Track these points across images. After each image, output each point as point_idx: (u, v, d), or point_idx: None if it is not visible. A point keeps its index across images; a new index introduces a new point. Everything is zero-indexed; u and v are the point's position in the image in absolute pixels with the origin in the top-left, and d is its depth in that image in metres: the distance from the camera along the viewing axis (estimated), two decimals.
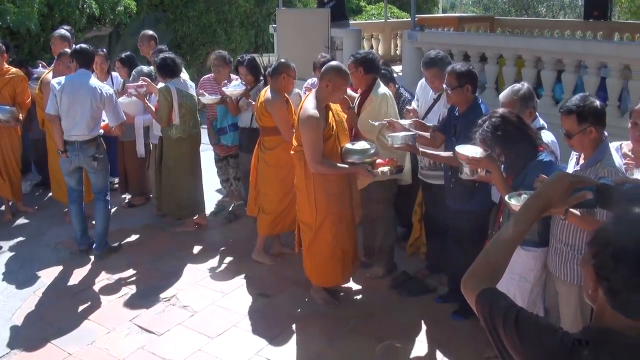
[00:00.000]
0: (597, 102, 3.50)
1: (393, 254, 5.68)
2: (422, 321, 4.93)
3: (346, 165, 4.74)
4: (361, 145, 4.79)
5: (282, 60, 5.72)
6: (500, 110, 3.84)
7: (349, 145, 4.79)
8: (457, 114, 4.68)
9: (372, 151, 4.74)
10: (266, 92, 5.53)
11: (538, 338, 1.69)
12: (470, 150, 3.79)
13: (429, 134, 4.92)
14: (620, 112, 6.31)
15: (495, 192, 4.31)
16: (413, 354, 4.56)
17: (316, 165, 4.65)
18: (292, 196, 5.62)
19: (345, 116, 5.08)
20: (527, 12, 27.63)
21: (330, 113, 4.85)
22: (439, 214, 5.03)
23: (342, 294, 5.34)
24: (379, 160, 4.74)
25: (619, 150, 4.01)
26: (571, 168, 3.74)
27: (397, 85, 5.75)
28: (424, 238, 5.80)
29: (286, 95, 5.64)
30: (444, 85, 4.62)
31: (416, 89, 5.59)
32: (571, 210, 2.04)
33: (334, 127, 4.82)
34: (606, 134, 3.57)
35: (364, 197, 5.31)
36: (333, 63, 4.86)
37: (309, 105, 4.67)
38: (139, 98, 6.28)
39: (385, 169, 4.67)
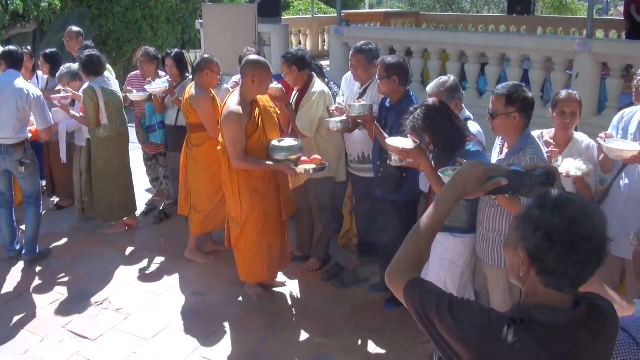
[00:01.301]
0: (529, 93, 3.64)
1: (328, 247, 5.74)
2: (357, 311, 5.01)
3: (269, 162, 4.71)
4: (287, 142, 4.76)
5: (206, 55, 5.68)
6: (431, 99, 3.95)
7: (275, 142, 4.76)
8: (388, 105, 4.79)
9: (298, 149, 4.73)
10: (191, 89, 5.49)
11: (475, 320, 1.74)
12: (400, 142, 3.87)
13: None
14: (543, 102, 6.53)
15: (423, 181, 4.42)
16: (349, 344, 4.62)
17: (238, 161, 4.65)
18: (223, 193, 5.60)
19: (279, 111, 5.07)
20: (451, 7, 28.12)
21: (257, 109, 4.81)
22: (368, 205, 5.12)
23: (276, 288, 5.35)
24: (303, 158, 4.72)
25: (540, 138, 4.20)
26: (495, 157, 3.87)
27: (327, 80, 5.79)
28: (355, 230, 5.88)
29: (212, 91, 5.61)
30: (376, 76, 4.74)
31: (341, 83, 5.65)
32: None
33: (260, 122, 4.78)
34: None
35: (300, 192, 5.36)
36: (251, 57, 4.84)
37: (232, 101, 4.65)
38: (64, 109, 6.07)
39: (309, 166, 4.65)
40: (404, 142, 3.85)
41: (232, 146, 4.62)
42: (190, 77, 6.11)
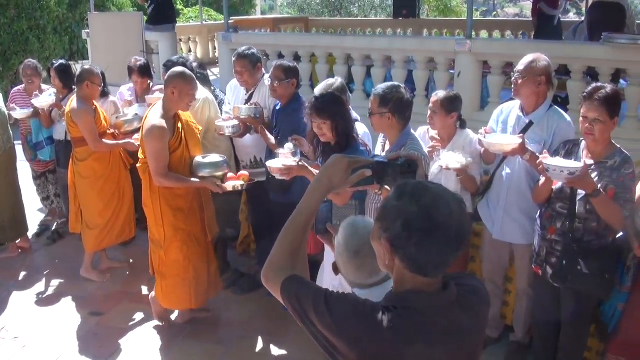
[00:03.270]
0: (405, 95, 3.75)
1: (226, 254, 5.69)
2: (258, 316, 5.03)
3: (194, 179, 4.48)
4: (212, 158, 4.57)
5: (86, 66, 5.51)
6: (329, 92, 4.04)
7: (199, 158, 4.55)
8: (277, 108, 4.83)
9: (224, 164, 4.56)
10: (72, 102, 5.30)
11: (350, 314, 1.77)
12: (281, 162, 3.90)
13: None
14: (428, 101, 6.71)
15: None
16: (252, 349, 4.64)
17: (161, 178, 4.37)
18: (115, 207, 5.47)
19: (200, 127, 4.87)
20: (340, 12, 28.59)
21: (180, 123, 4.55)
22: (263, 209, 5.10)
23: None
24: (230, 174, 4.58)
25: (425, 134, 4.34)
26: (378, 153, 3.98)
27: (212, 88, 5.76)
28: (252, 235, 5.85)
29: (95, 103, 5.44)
30: (263, 80, 4.85)
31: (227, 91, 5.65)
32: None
33: (183, 137, 4.52)
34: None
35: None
36: (177, 69, 4.57)
37: (154, 114, 4.39)
38: None
39: (237, 182, 4.50)
40: (285, 161, 3.89)
41: (155, 162, 4.35)
42: None
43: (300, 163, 3.81)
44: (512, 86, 4.05)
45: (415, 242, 1.71)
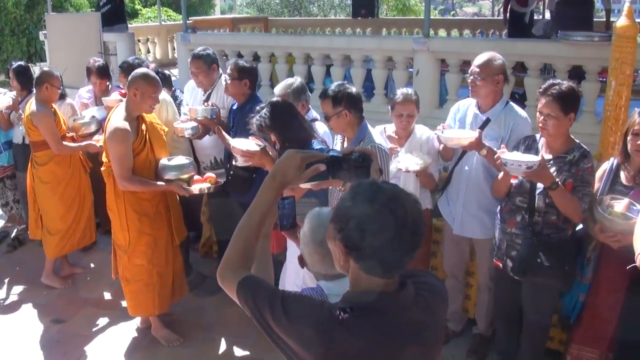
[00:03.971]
0: (352, 89, 3.80)
1: (188, 257, 5.65)
2: (222, 318, 5.00)
3: (159, 183, 4.39)
4: (178, 160, 4.48)
5: (45, 68, 5.41)
6: (275, 99, 4.01)
7: (164, 161, 4.45)
8: (234, 107, 4.85)
9: (190, 167, 4.48)
10: (31, 104, 5.20)
11: (307, 315, 1.76)
12: (244, 144, 3.90)
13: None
14: (387, 99, 6.78)
15: None
16: (216, 351, 4.63)
17: (125, 182, 4.27)
18: (76, 212, 5.39)
19: (166, 128, 4.77)
20: (299, 12, 28.64)
21: (144, 124, 4.43)
22: (224, 210, 5.09)
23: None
24: (196, 177, 4.50)
25: (383, 133, 4.38)
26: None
27: (173, 88, 5.71)
28: (214, 236, 5.82)
29: (54, 105, 5.35)
30: (220, 80, 4.84)
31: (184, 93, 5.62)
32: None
33: (147, 139, 4.41)
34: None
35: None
36: (140, 70, 4.46)
37: (117, 116, 4.28)
38: None
39: (203, 185, 4.43)
40: (248, 144, 3.89)
41: (119, 165, 4.24)
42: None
43: (262, 149, 3.81)
44: (470, 87, 4.10)
45: (368, 244, 1.70)
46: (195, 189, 4.39)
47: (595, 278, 3.74)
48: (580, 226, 3.76)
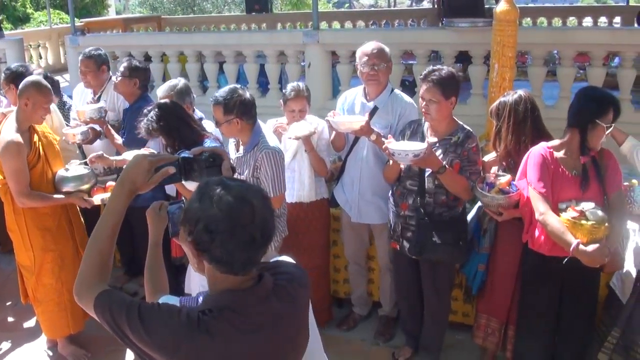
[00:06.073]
0: (246, 95, 3.80)
1: None
2: None
3: (58, 196, 4.16)
4: (76, 171, 4.24)
5: None
6: (162, 101, 3.99)
7: (62, 172, 4.21)
8: (126, 107, 4.83)
9: (89, 177, 4.27)
10: None
11: (165, 324, 1.74)
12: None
13: None
14: (282, 94, 6.81)
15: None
16: None
17: (23, 198, 4.03)
18: None
19: (57, 137, 4.54)
20: (193, 9, 28.25)
21: (36, 136, 4.18)
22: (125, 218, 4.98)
23: None
24: (97, 187, 4.31)
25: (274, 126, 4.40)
26: (233, 154, 4.02)
27: (61, 94, 5.55)
28: (116, 245, 5.66)
29: None
30: (108, 82, 4.79)
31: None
32: None
33: (42, 151, 4.17)
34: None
35: None
36: (30, 78, 4.22)
37: (8, 129, 4.03)
38: None
39: (105, 195, 4.22)
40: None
41: (15, 181, 4.00)
42: None
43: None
44: (368, 76, 4.16)
45: (219, 244, 1.70)
46: (96, 199, 4.22)
47: (493, 249, 3.94)
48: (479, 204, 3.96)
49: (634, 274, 3.51)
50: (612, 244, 3.27)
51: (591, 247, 3.20)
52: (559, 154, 3.44)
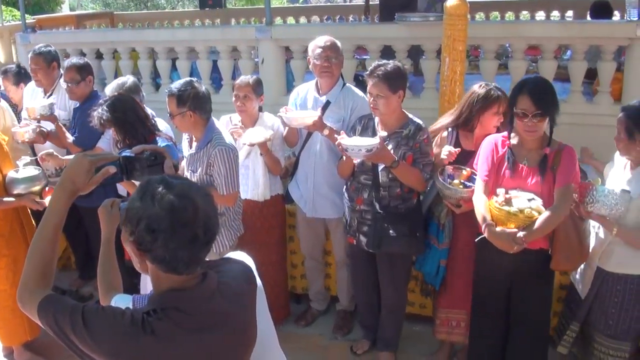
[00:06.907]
0: (201, 88, 3.77)
1: None
2: None
3: (8, 199, 4.00)
4: (27, 172, 4.09)
5: None
6: (120, 94, 3.95)
7: (12, 174, 4.06)
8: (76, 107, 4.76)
9: (40, 178, 4.13)
10: None
11: (109, 327, 1.72)
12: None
13: None
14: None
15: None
16: None
17: None
18: None
19: (6, 137, 4.39)
20: (146, 5, 27.87)
21: None
22: (73, 219, 4.85)
23: None
24: (48, 188, 4.16)
25: (229, 123, 4.38)
26: (186, 151, 4.00)
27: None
28: (70, 247, 5.60)
29: None
30: (59, 81, 4.73)
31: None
32: None
33: None
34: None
35: None
36: None
37: None
38: None
39: None
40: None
41: None
42: None
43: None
44: (322, 70, 4.17)
45: (161, 244, 1.67)
46: (48, 201, 4.10)
47: (452, 243, 3.97)
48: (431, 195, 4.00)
49: (593, 270, 3.57)
50: (531, 235, 3.29)
51: (499, 229, 3.30)
52: (514, 142, 3.49)
